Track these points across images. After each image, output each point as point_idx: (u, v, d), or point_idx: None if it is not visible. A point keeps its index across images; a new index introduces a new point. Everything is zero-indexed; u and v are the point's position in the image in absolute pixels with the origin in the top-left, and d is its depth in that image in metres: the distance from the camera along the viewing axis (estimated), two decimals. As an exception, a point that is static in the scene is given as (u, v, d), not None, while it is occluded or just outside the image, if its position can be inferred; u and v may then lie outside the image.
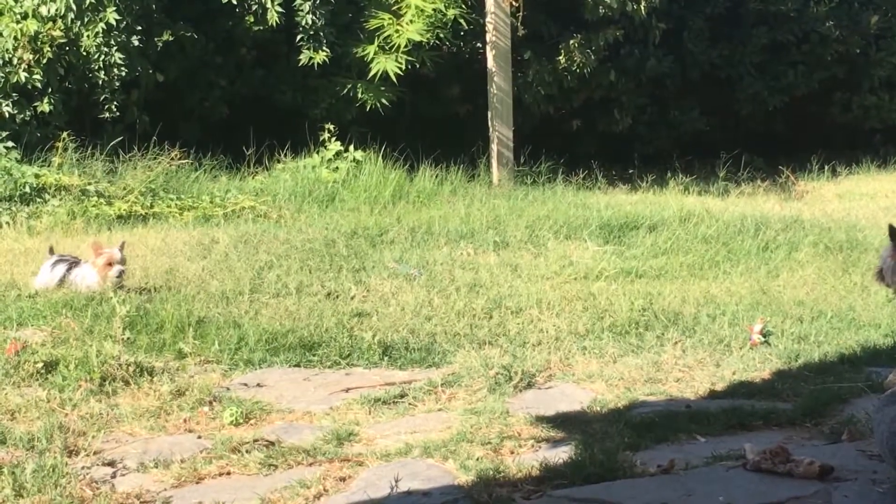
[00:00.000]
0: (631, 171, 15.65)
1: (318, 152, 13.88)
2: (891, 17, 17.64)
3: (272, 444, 5.78)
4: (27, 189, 11.91)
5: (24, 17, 13.47)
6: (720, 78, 17.17)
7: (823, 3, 17.14)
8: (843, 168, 16.35)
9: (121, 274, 8.76)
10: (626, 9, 15.32)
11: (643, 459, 5.51)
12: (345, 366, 7.31)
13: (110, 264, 8.75)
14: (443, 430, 6.07)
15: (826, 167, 16.08)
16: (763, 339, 7.74)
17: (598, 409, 6.47)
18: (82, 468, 5.40)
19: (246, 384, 6.88)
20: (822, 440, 5.84)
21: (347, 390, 6.81)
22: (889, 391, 5.18)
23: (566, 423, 6.20)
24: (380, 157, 13.53)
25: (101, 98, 13.82)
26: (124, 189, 12.42)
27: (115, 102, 13.85)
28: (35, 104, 13.54)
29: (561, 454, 5.57)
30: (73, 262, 9.02)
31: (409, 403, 6.61)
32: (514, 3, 14.38)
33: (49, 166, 12.67)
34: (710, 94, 17.29)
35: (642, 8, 15.40)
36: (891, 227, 5.63)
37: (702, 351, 7.57)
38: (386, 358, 7.42)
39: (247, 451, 5.63)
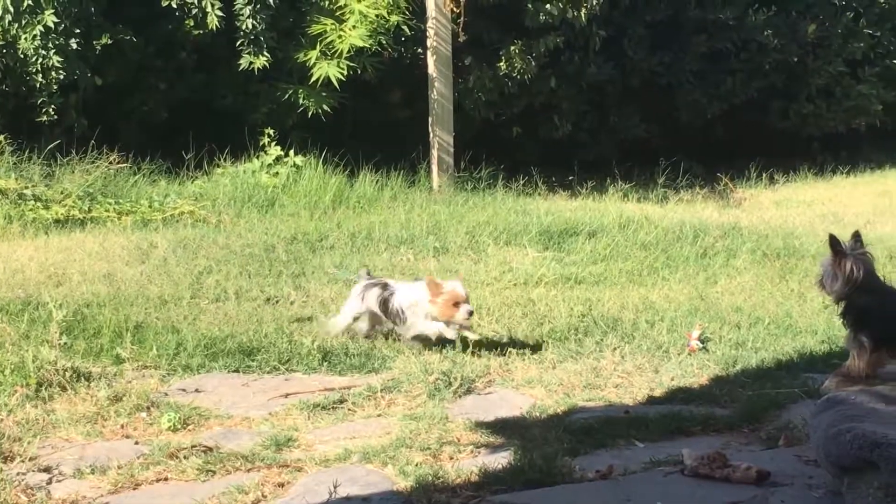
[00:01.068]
0: (571, 178, 15.69)
1: (258, 157, 13.83)
2: (828, 27, 17.79)
3: (210, 449, 5.74)
4: (-38, 193, 11.80)
5: (-39, 19, 13.35)
6: (660, 85, 17.26)
7: (762, 12, 17.26)
8: (781, 175, 16.49)
9: (470, 315, 7.59)
10: (566, 16, 15.37)
11: (582, 465, 5.53)
12: (284, 371, 7.28)
13: (456, 304, 7.51)
14: (382, 436, 6.07)
15: (764, 174, 16.20)
16: (701, 345, 7.79)
17: (538, 414, 6.49)
18: (17, 474, 5.35)
19: (184, 389, 6.84)
20: (760, 445, 5.88)
21: (286, 396, 6.78)
22: (825, 397, 5.22)
23: (505, 429, 6.20)
24: (320, 163, 13.50)
25: (39, 101, 13.71)
26: (62, 193, 12.32)
27: (53, 105, 13.73)
28: (-29, 107, 13.42)
29: (500, 460, 5.58)
30: (386, 287, 7.86)
31: (349, 409, 6.60)
32: (455, 9, 14.40)
33: (-15, 170, 12.55)
34: (650, 101, 17.37)
35: (583, 15, 15.46)
36: (831, 237, 5.67)
37: (640, 357, 7.60)
38: (325, 363, 7.41)
39: (185, 457, 5.59)
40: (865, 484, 4.54)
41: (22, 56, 13.49)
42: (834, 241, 5.71)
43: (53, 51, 13.37)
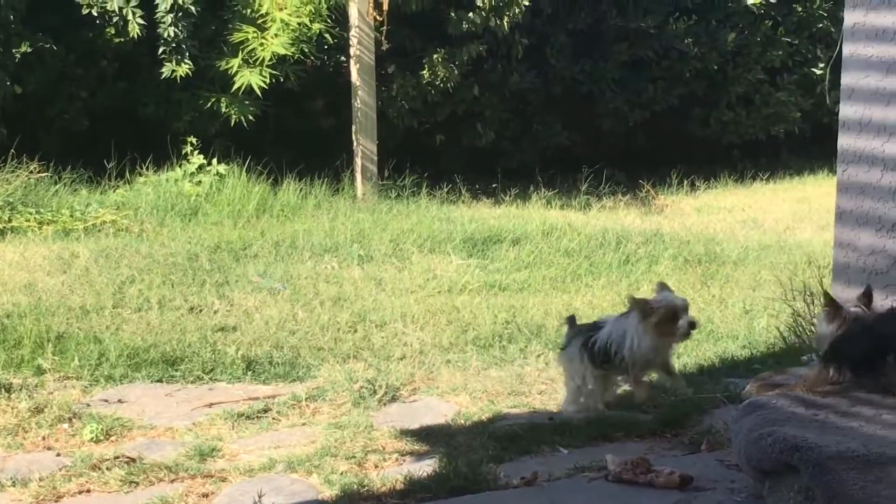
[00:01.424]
0: (494, 185, 15.74)
1: (180, 166, 13.74)
2: (747, 35, 17.98)
3: (133, 460, 5.70)
4: None
5: None
6: (582, 93, 17.35)
7: (682, 21, 17.42)
8: (702, 182, 16.64)
9: (693, 327, 6.36)
10: (489, 24, 15.42)
11: (507, 472, 5.54)
12: (208, 381, 7.25)
13: (675, 317, 6.26)
14: (307, 445, 6.05)
15: (685, 181, 16.33)
16: (625, 352, 7.82)
17: (463, 421, 6.50)
18: (-63, 488, 5.29)
19: (107, 400, 6.79)
20: (683, 450, 5.92)
21: (210, 405, 6.76)
22: (746, 401, 5.27)
23: (430, 437, 6.21)
24: (243, 171, 13.44)
25: (-43, 110, 13.55)
26: (-19, 203, 12.19)
27: (-29, 115, 13.58)
28: None
29: (425, 467, 5.58)
30: (595, 327, 6.57)
31: (273, 418, 6.59)
32: (377, 17, 14.40)
33: None
34: (572, 108, 17.46)
35: (505, 23, 15.52)
36: (825, 294, 5.44)
37: (564, 363, 7.63)
38: (249, 372, 7.38)
39: (107, 469, 5.55)
40: (786, 487, 4.60)
41: (-61, 64, 13.34)
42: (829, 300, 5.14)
43: (-29, 59, 13.23)
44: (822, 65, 18.36)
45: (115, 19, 13.89)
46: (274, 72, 13.85)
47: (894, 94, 5.61)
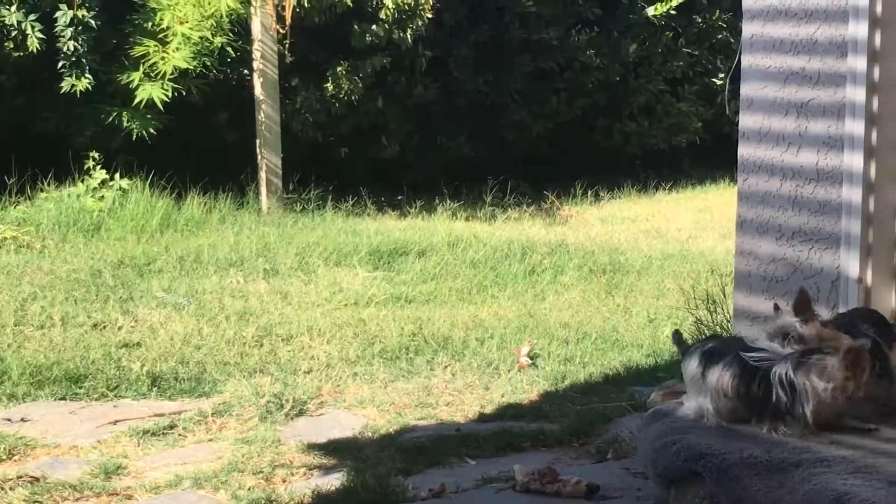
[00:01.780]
0: (400, 198, 15.75)
1: (82, 181, 13.59)
2: (648, 46, 18.13)
3: (37, 479, 5.64)
4: None
5: None
6: (486, 105, 17.40)
7: (584, 33, 17.53)
8: (606, 192, 16.74)
9: None
10: (392, 37, 15.43)
11: (415, 484, 5.56)
12: (113, 398, 7.18)
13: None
14: (214, 461, 6.03)
15: (589, 192, 16.43)
16: (530, 362, 7.89)
17: (370, 434, 6.51)
18: None
19: (9, 419, 6.70)
20: (589, 459, 5.97)
21: (115, 422, 6.70)
22: (651, 409, 5.32)
23: (338, 450, 6.21)
24: (147, 186, 13.32)
25: None
26: None
27: None
28: None
29: (333, 481, 5.58)
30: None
31: (179, 434, 6.55)
32: (280, 30, 14.35)
33: None
34: (476, 120, 17.49)
35: (409, 36, 15.53)
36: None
37: (471, 374, 7.67)
38: (155, 388, 7.33)
39: (10, 489, 5.49)
40: (691, 494, 4.64)
41: None
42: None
43: None
44: (722, 75, 18.58)
45: (13, 33, 13.71)
46: (176, 85, 13.75)
47: (792, 105, 5.70)
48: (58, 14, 13.66)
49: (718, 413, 4.62)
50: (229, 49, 14.17)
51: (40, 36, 13.58)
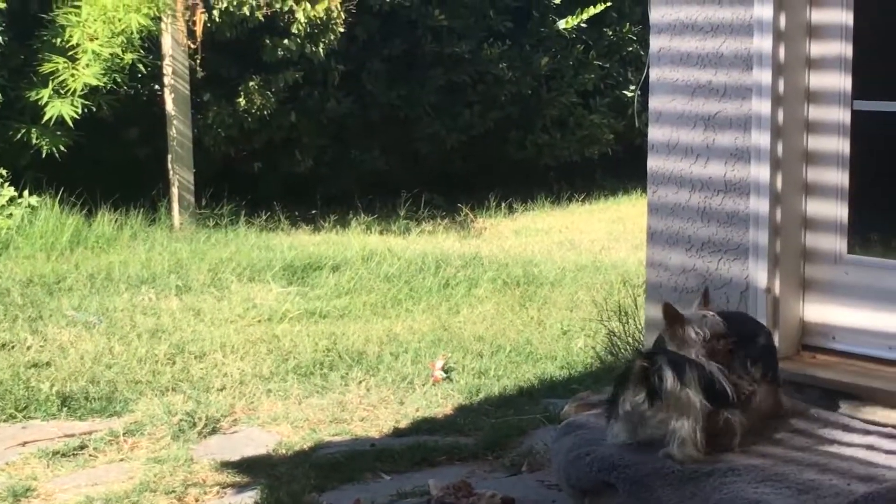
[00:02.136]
0: (314, 212, 15.70)
1: (-10, 199, 13.42)
2: (560, 59, 18.24)
3: (-56, 504, 5.56)
4: None
5: None
6: (399, 118, 17.40)
7: (496, 46, 17.59)
8: (520, 205, 16.81)
9: None
10: (304, 51, 15.40)
11: (329, 500, 5.55)
12: (21, 419, 7.09)
13: None
14: (125, 481, 5.97)
15: (503, 204, 16.49)
16: (445, 376, 7.90)
17: (284, 451, 6.49)
18: None
19: (-85, 443, 6.60)
20: (504, 472, 5.99)
21: (24, 444, 6.61)
22: (565, 422, 5.35)
23: (252, 468, 6.18)
24: (56, 203, 13.17)
25: None
26: None
27: None
28: None
29: (247, 499, 5.56)
30: None
31: (90, 455, 6.48)
32: (191, 45, 14.27)
33: None
34: (390, 134, 17.49)
35: (321, 50, 15.50)
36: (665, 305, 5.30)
37: (386, 389, 7.66)
38: (65, 409, 7.25)
39: (-84, 514, 5.40)
40: (604, 505, 4.68)
41: None
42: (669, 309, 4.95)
43: None
44: (632, 87, 18.74)
45: (-82, 50, 13.52)
46: (86, 102, 13.62)
47: (700, 117, 5.76)
48: (-36, 30, 13.50)
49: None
50: (140, 65, 14.06)
51: (-54, 52, 13.40)
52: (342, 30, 15.72)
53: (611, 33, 18.78)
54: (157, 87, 15.11)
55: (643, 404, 4.50)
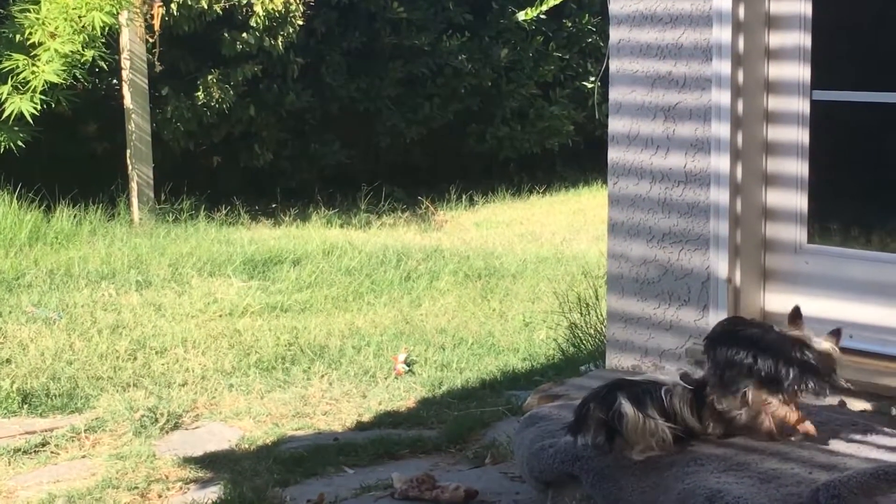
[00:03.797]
0: (274, 206, 15.67)
1: (-52, 195, 13.32)
2: (519, 51, 18.26)
3: None
4: None
5: None
6: (359, 111, 17.37)
7: (456, 38, 17.59)
8: (480, 197, 16.81)
9: None
10: (263, 44, 15.36)
11: (293, 495, 5.53)
12: (-18, 416, 7.05)
13: None
14: (87, 478, 5.95)
15: (464, 196, 16.49)
16: (407, 368, 7.90)
17: (247, 446, 6.47)
18: None
19: None
20: (467, 465, 5.99)
21: (-15, 442, 6.58)
22: (528, 413, 5.35)
23: (215, 463, 6.17)
24: (14, 199, 13.08)
25: None
26: None
27: None
28: None
29: (210, 494, 5.54)
30: None
31: (52, 452, 6.45)
32: (150, 39, 14.20)
33: None
34: (349, 127, 17.47)
35: (280, 43, 15.47)
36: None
37: (348, 383, 7.66)
38: (26, 406, 7.21)
39: None
40: (568, 497, 4.68)
41: None
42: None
43: None
44: (592, 79, 18.76)
45: None
46: (45, 98, 13.53)
47: (660, 108, 5.77)
48: (-78, 27, 13.38)
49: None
50: (99, 61, 13.97)
51: None
52: (301, 23, 15.69)
53: (570, 24, 18.82)
54: (115, 81, 15.05)
55: (604, 445, 4.51)
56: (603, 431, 4.47)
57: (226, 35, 15.27)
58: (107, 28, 13.70)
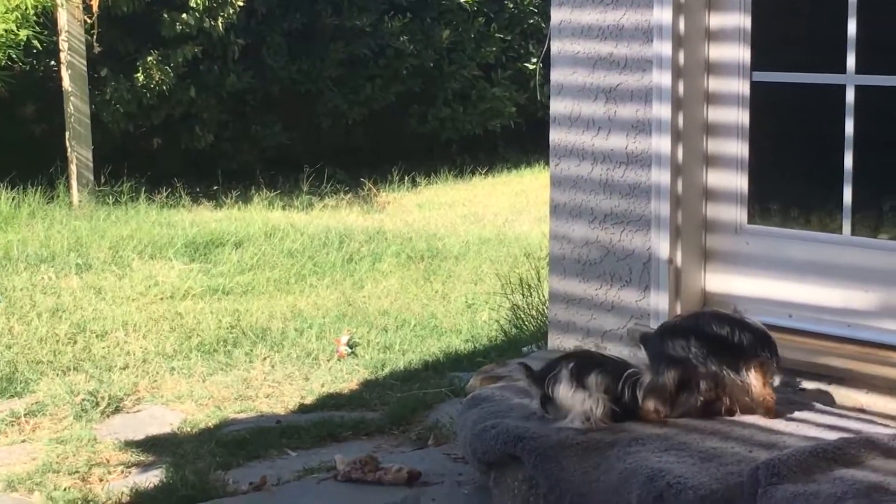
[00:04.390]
0: (215, 188, 15.58)
1: None
2: (461, 32, 18.25)
3: None
4: None
5: None
6: (300, 92, 17.31)
7: (397, 19, 17.56)
8: (423, 178, 16.80)
9: None
10: (203, 25, 15.26)
11: (235, 478, 5.53)
12: (-82, 403, 6.99)
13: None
14: (27, 462, 5.91)
15: (406, 178, 16.47)
16: (350, 351, 7.90)
17: (189, 429, 6.46)
18: None
19: None
20: (410, 446, 6.00)
21: (-78, 429, 6.52)
22: (470, 395, 5.36)
23: (156, 446, 6.15)
24: (-49, 182, 12.96)
25: None
26: None
27: None
28: None
29: (151, 478, 5.52)
30: None
31: (-9, 436, 6.40)
32: (88, 20, 14.07)
33: None
34: (291, 108, 17.40)
35: (220, 24, 15.38)
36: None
37: (290, 365, 7.64)
38: (-37, 391, 7.15)
39: None
40: (511, 477, 4.70)
41: None
42: None
43: None
44: (534, 60, 18.78)
45: None
46: (-21, 79, 13.40)
47: (601, 90, 5.78)
48: None
49: (604, 412, 4.59)
50: (35, 41, 13.84)
51: None
52: (241, 4, 15.63)
53: (511, 6, 18.83)
54: (52, 63, 14.91)
55: (539, 409, 4.69)
56: (540, 396, 4.63)
57: (165, 16, 15.17)
58: (40, 7, 13.57)
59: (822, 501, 3.84)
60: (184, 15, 15.15)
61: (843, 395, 4.92)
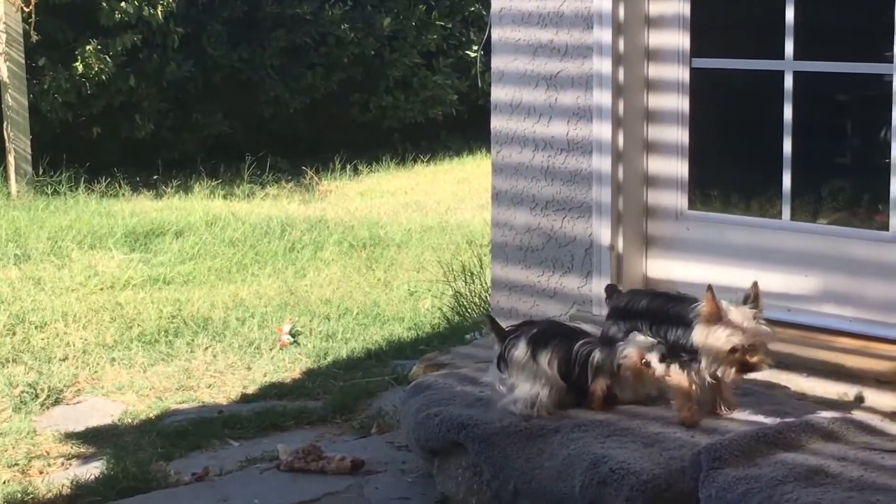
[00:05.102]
0: (156, 177, 15.47)
1: None
2: (402, 20, 18.22)
3: None
4: None
5: None
6: (241, 81, 17.23)
7: (338, 7, 17.51)
8: (365, 167, 16.77)
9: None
10: (142, 14, 15.16)
11: (177, 468, 5.49)
12: None
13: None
14: (-34, 455, 5.85)
15: (348, 166, 16.44)
16: (292, 340, 7.88)
17: (130, 420, 6.42)
18: None
19: None
20: (353, 435, 5.99)
21: None
22: (413, 382, 5.36)
23: (97, 438, 6.11)
24: None
25: None
26: None
27: None
28: None
29: (93, 470, 5.47)
30: None
31: (-71, 429, 6.33)
32: (25, 8, 13.94)
33: None
34: (232, 97, 17.32)
35: (159, 13, 15.28)
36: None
37: (232, 355, 7.62)
38: None
39: None
40: (454, 465, 4.70)
41: None
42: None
43: None
44: (475, 48, 18.77)
45: None
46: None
47: (542, 77, 5.79)
48: None
49: (551, 400, 4.58)
50: (-30, 30, 13.70)
51: None
52: (181, -9, 15.53)
53: (452, -7, 18.83)
54: (-11, 52, 14.75)
55: (496, 367, 4.67)
56: (498, 354, 4.66)
57: (104, 4, 15.04)
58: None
59: (763, 485, 3.87)
60: (123, 3, 15.03)
61: (784, 379, 4.95)
